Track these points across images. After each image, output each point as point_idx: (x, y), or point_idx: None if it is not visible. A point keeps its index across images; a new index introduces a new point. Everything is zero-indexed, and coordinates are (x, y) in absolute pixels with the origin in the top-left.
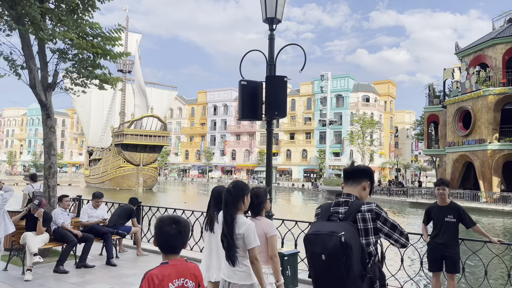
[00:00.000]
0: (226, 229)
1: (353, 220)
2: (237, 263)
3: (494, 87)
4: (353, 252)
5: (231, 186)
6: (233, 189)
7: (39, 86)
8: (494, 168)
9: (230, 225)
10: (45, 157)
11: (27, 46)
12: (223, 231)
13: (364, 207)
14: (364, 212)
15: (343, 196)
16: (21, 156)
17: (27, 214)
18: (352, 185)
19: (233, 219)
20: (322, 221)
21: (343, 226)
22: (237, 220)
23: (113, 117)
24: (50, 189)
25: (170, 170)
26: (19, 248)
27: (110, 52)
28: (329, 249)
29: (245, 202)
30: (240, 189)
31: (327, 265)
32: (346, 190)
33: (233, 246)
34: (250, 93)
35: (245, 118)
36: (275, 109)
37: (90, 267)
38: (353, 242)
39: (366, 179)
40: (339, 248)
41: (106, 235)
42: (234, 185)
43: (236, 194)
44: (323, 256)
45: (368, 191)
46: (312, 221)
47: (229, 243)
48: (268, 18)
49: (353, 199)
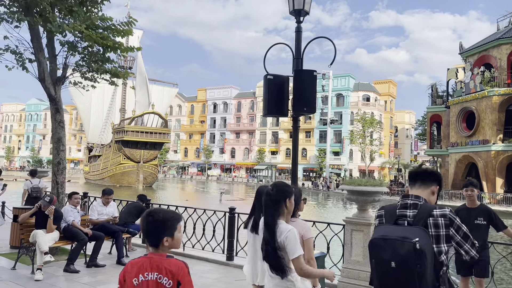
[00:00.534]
0: (268, 236)
1: (424, 225)
2: (287, 273)
3: (498, 87)
4: (427, 260)
5: (271, 188)
6: (274, 191)
7: (48, 80)
8: (498, 169)
9: (271, 232)
10: (54, 153)
11: (36, 38)
12: (264, 239)
13: (436, 211)
14: (437, 217)
15: (411, 198)
16: (19, 152)
17: (37, 211)
18: (421, 187)
19: (274, 225)
20: (389, 225)
21: (416, 231)
22: (278, 226)
23: (114, 113)
24: (58, 186)
25: (169, 168)
26: (28, 246)
27: (120, 45)
28: (401, 256)
29: (288, 206)
30: (282, 191)
31: (397, 273)
32: (414, 192)
33: (276, 256)
34: (276, 88)
35: (270, 114)
36: (304, 104)
37: (100, 266)
38: (427, 250)
39: (436, 183)
40: (413, 256)
41: (116, 233)
42: (274, 187)
43: (277, 197)
44: (392, 263)
45: (436, 196)
46: (376, 225)
47: (269, 252)
48: (295, 10)
49: (422, 202)
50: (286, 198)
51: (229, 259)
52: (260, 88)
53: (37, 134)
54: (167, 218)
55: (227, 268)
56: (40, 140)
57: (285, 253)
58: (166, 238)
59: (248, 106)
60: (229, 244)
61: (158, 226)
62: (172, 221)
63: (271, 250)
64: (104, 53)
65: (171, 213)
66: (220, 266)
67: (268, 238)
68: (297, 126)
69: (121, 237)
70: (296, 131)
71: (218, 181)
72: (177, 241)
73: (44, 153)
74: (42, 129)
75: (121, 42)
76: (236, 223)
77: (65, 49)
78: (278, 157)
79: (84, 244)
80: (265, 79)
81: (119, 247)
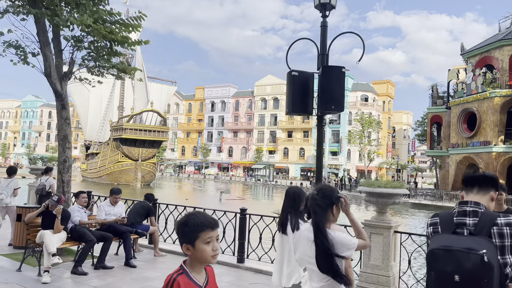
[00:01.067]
0: (320, 244)
1: (488, 235)
2: (341, 276)
3: (500, 89)
4: (495, 274)
5: (316, 193)
6: (319, 196)
7: (54, 75)
8: (499, 171)
9: (323, 235)
10: (60, 150)
11: (42, 31)
12: (316, 248)
13: (501, 220)
14: (502, 226)
15: (470, 205)
16: (14, 149)
17: (44, 210)
18: (479, 193)
19: (324, 229)
20: (449, 234)
21: (482, 242)
22: (329, 233)
23: (112, 111)
24: (64, 184)
25: (166, 166)
26: (34, 247)
27: (128, 39)
28: (466, 269)
29: (335, 211)
30: (328, 196)
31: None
32: (471, 198)
33: (331, 265)
34: (301, 85)
35: (294, 113)
36: (332, 102)
37: (109, 268)
38: (495, 262)
39: (494, 188)
40: (480, 269)
41: (124, 234)
42: (319, 191)
43: (324, 203)
44: (456, 277)
45: (494, 203)
46: (431, 233)
47: (323, 261)
48: (321, 4)
49: (483, 209)
50: (333, 205)
51: (240, 261)
52: (259, 87)
53: (33, 131)
54: (189, 223)
55: (238, 271)
56: (36, 137)
57: (337, 258)
58: (186, 245)
59: (246, 105)
60: (240, 246)
61: (178, 229)
62: (190, 228)
63: (324, 254)
64: (111, 47)
65: (200, 218)
66: (231, 269)
67: (320, 245)
68: (322, 125)
69: (129, 238)
70: (321, 130)
71: (215, 180)
72: (201, 253)
73: (40, 150)
74: (38, 126)
75: (129, 36)
76: (247, 224)
77: (70, 44)
78: (276, 156)
79: (93, 245)
80: (289, 76)
81: (127, 248)
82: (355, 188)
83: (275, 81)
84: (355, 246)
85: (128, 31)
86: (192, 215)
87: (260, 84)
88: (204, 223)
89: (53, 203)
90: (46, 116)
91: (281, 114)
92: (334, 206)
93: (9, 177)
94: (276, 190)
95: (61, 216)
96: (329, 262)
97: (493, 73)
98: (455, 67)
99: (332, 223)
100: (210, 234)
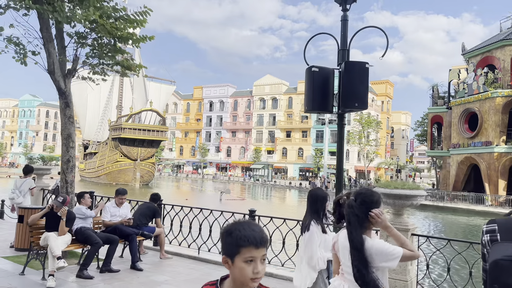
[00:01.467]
0: (357, 256)
1: None
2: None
3: (502, 89)
4: None
5: (354, 198)
6: (357, 203)
7: (58, 72)
8: (501, 171)
9: (360, 251)
10: (63, 150)
11: (45, 27)
12: (352, 260)
13: None
14: None
15: None
16: (11, 148)
17: (49, 212)
18: None
19: (361, 243)
20: None
21: None
22: (366, 244)
23: (110, 110)
24: (68, 185)
25: (164, 166)
26: (38, 250)
27: (133, 36)
28: None
29: (375, 218)
30: (367, 203)
31: None
32: None
33: (369, 278)
34: (321, 82)
35: (314, 111)
36: (355, 100)
37: (115, 271)
38: None
39: None
40: None
41: (131, 236)
42: (358, 196)
43: (361, 211)
44: None
45: None
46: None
47: (359, 273)
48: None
49: None
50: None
51: None
52: (257, 87)
53: (30, 130)
54: (232, 234)
55: None
56: (33, 136)
57: (377, 270)
58: (225, 258)
59: (245, 105)
60: None
61: (222, 238)
62: (232, 240)
63: (362, 268)
64: (115, 44)
65: (246, 231)
66: None
67: (357, 258)
68: (342, 124)
69: (136, 240)
70: (341, 129)
71: (214, 180)
72: (239, 271)
73: (37, 150)
74: (35, 125)
75: (134, 33)
76: None
77: (73, 40)
78: (274, 156)
79: (99, 247)
80: (308, 72)
81: (133, 250)
82: (354, 188)
83: (273, 81)
84: (399, 256)
85: (132, 27)
86: (239, 225)
87: (258, 84)
88: (249, 238)
89: (58, 204)
90: (43, 115)
91: (280, 114)
92: None
93: (25, 176)
94: (275, 190)
95: (66, 218)
96: (366, 275)
97: (494, 73)
98: (454, 67)
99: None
100: (253, 253)
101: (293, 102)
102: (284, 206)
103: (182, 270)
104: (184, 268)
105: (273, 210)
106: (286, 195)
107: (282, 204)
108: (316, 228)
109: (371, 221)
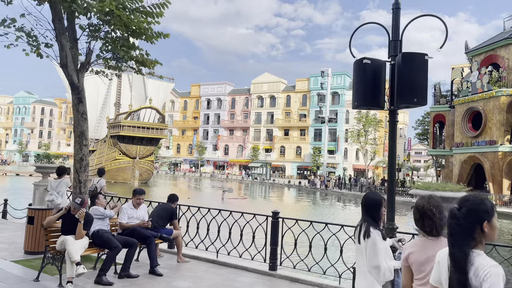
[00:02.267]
0: (457, 274)
1: None
2: None
3: (506, 87)
4: None
5: (458, 207)
6: (463, 212)
7: (71, 66)
8: (505, 171)
9: (462, 269)
10: (76, 148)
11: (58, 18)
12: (451, 276)
13: None
14: None
15: None
16: (6, 145)
17: (66, 214)
18: None
19: (465, 259)
20: None
21: None
22: (473, 260)
23: (108, 107)
24: (81, 185)
25: (161, 164)
26: (54, 254)
27: (146, 31)
28: None
29: (487, 232)
30: (476, 211)
31: None
32: None
33: None
34: (372, 75)
35: (365, 106)
36: (414, 94)
37: (134, 277)
38: None
39: None
40: None
41: (149, 239)
42: (464, 204)
43: (468, 222)
44: None
45: None
46: None
47: None
48: None
49: None
50: (484, 221)
51: (272, 268)
52: (255, 85)
53: (25, 127)
54: None
55: (272, 280)
56: (28, 133)
57: None
58: None
59: (243, 103)
60: (272, 252)
61: None
62: None
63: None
64: (128, 38)
65: None
66: (263, 277)
67: (458, 277)
68: (395, 121)
69: (154, 244)
70: (394, 126)
71: (211, 178)
72: None
73: (32, 147)
74: (31, 122)
75: (150, 27)
76: (280, 228)
77: (87, 33)
78: (272, 154)
79: (118, 252)
80: (356, 64)
81: (152, 254)
82: (354, 187)
83: (271, 79)
84: None
85: (146, 22)
86: None
87: (256, 81)
88: None
89: (76, 205)
90: (38, 112)
91: (278, 112)
92: (486, 222)
93: (59, 177)
94: (273, 188)
95: (84, 220)
96: None
97: (499, 71)
98: (454, 66)
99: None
100: None
101: (291, 100)
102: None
103: (203, 275)
104: (204, 272)
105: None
106: (290, 194)
107: (281, 204)
108: (377, 235)
109: (483, 235)
